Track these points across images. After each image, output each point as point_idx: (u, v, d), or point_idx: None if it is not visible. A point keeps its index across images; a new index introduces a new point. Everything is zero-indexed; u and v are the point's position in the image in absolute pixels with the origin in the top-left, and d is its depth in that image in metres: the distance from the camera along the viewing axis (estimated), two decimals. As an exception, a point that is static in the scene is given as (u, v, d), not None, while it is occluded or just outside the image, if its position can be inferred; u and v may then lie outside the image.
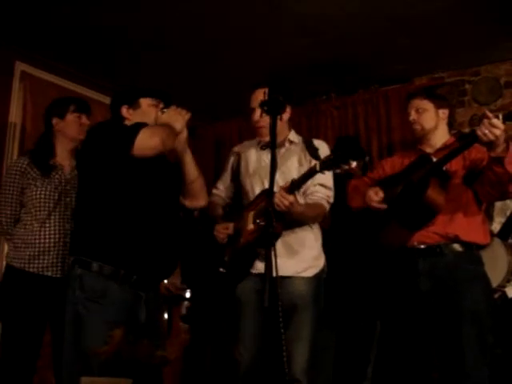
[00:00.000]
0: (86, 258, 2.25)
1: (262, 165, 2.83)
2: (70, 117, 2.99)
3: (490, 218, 3.32)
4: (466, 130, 4.18)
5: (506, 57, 4.24)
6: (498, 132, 2.36)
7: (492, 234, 3.14)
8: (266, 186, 2.66)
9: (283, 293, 2.19)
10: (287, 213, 2.47)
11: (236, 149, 3.03)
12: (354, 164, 2.18)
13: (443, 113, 2.88)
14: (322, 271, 2.75)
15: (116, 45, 3.97)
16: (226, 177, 3.01)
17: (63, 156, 3.01)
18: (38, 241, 2.84)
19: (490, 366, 2.55)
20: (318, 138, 4.79)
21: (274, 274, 2.03)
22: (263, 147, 2.81)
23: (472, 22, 3.73)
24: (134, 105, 2.49)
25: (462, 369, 2.51)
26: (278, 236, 2.50)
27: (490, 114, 2.38)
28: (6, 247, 3.50)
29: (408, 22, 3.72)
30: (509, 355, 2.99)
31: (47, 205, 2.87)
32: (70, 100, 3.09)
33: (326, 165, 2.28)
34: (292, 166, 2.76)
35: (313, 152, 2.67)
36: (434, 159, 2.70)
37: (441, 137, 2.86)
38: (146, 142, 2.23)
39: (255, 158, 2.87)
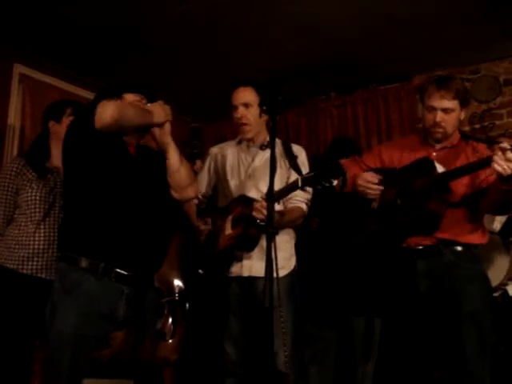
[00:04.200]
0: (69, 253, 2.27)
1: (240, 165, 2.91)
2: (67, 120, 2.98)
3: (491, 216, 3.32)
4: (466, 128, 4.18)
5: (504, 54, 4.24)
6: None
7: (493, 233, 3.15)
8: (245, 187, 2.84)
9: (257, 293, 2.27)
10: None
11: (214, 150, 3.08)
12: (334, 182, 2.24)
13: (463, 113, 2.68)
14: (292, 271, 2.84)
15: (115, 46, 3.96)
16: (203, 176, 3.06)
17: (59, 158, 3.00)
18: (32, 242, 2.82)
19: (492, 363, 2.53)
20: (317, 136, 4.92)
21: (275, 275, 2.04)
22: (240, 142, 2.94)
23: (471, 20, 3.73)
24: (117, 100, 2.43)
25: (463, 368, 2.48)
26: (257, 241, 2.69)
27: (506, 145, 2.24)
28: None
29: (407, 21, 3.72)
30: (511, 353, 2.99)
31: (42, 206, 2.86)
32: (66, 103, 3.08)
33: (307, 181, 2.35)
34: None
35: (291, 160, 2.76)
36: (439, 169, 2.54)
37: (452, 137, 2.70)
38: (103, 112, 2.22)
39: (234, 159, 2.95)
